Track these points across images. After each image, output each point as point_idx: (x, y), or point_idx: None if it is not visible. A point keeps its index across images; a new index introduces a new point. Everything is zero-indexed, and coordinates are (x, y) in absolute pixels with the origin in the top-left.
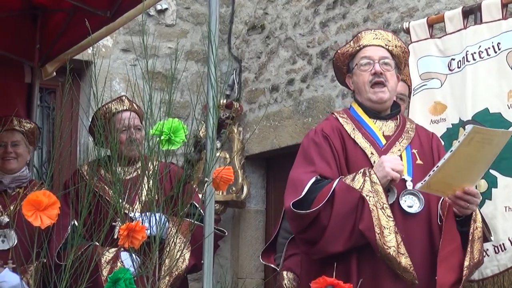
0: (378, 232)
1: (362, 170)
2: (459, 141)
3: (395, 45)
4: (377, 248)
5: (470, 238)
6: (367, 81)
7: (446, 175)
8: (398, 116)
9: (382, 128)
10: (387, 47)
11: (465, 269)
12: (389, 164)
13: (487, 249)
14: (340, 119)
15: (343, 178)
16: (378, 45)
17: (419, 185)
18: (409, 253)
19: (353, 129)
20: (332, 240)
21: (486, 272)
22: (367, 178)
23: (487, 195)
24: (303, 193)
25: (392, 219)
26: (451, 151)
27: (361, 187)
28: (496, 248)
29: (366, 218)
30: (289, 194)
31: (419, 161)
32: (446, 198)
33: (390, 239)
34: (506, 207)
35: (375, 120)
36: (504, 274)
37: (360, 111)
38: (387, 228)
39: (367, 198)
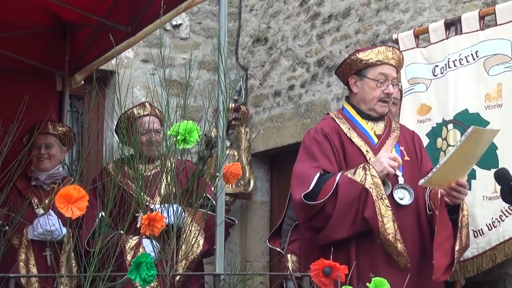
0: (380, 220)
1: (362, 165)
2: (460, 141)
3: (400, 61)
4: (378, 234)
5: (459, 225)
6: (378, 96)
7: (445, 170)
8: (385, 117)
9: (373, 128)
10: (397, 66)
11: (456, 253)
12: (386, 160)
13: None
14: (336, 119)
15: (344, 172)
16: (392, 65)
17: (422, 180)
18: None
19: (349, 129)
20: (336, 228)
21: (467, 254)
22: (367, 172)
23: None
24: (312, 186)
25: (390, 208)
26: (454, 150)
27: (362, 180)
28: (475, 233)
29: (370, 207)
30: (297, 187)
31: (406, 158)
32: (440, 190)
33: (389, 226)
34: (483, 196)
35: (367, 121)
36: (482, 256)
37: (353, 112)
38: (386, 217)
39: (370, 190)
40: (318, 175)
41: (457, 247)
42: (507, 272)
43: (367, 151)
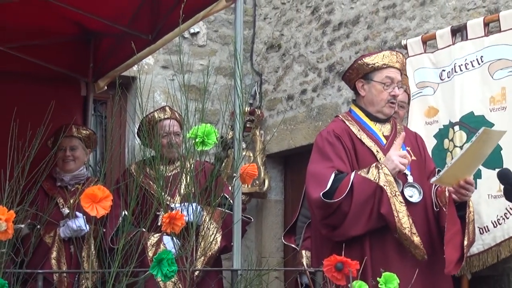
0: (396, 215)
1: (374, 164)
2: (471, 141)
3: (404, 64)
4: (395, 229)
5: (467, 221)
6: (385, 98)
7: (456, 169)
8: (390, 119)
9: (381, 129)
10: (401, 69)
11: (465, 247)
12: (397, 158)
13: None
14: (346, 121)
15: (357, 171)
16: (397, 68)
17: (434, 178)
18: None
19: (358, 130)
20: (352, 224)
21: (473, 250)
22: (380, 171)
23: None
24: (329, 186)
25: (403, 204)
26: (465, 150)
27: (376, 179)
28: (481, 230)
29: (386, 204)
30: (313, 186)
31: (413, 157)
32: (448, 187)
33: (405, 221)
34: (489, 195)
35: (375, 123)
36: (488, 251)
37: (361, 115)
38: (401, 212)
39: (385, 187)
40: (333, 174)
41: (465, 242)
42: (511, 267)
43: (377, 151)
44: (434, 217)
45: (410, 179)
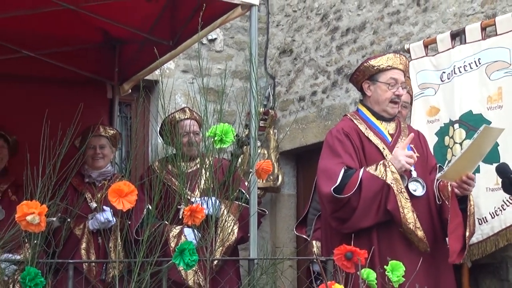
0: (402, 211)
1: (381, 162)
2: (473, 138)
3: (407, 66)
4: (401, 224)
5: (468, 214)
6: (389, 97)
7: (459, 165)
8: (395, 118)
9: (387, 128)
10: (404, 71)
11: (467, 238)
12: (403, 158)
13: None
14: (354, 120)
15: (366, 168)
16: (401, 70)
17: (439, 174)
18: None
19: (366, 128)
20: (361, 218)
21: (472, 240)
22: (387, 169)
23: None
24: (338, 181)
25: (409, 200)
26: (468, 146)
27: (383, 176)
28: (479, 221)
29: (392, 200)
30: (324, 181)
31: (416, 154)
32: (451, 182)
33: (409, 217)
34: (487, 188)
35: (381, 121)
36: (486, 241)
37: (368, 114)
38: (406, 208)
39: (392, 185)
40: (343, 170)
41: (467, 233)
42: (509, 255)
43: (383, 148)
44: (437, 210)
45: (414, 174)
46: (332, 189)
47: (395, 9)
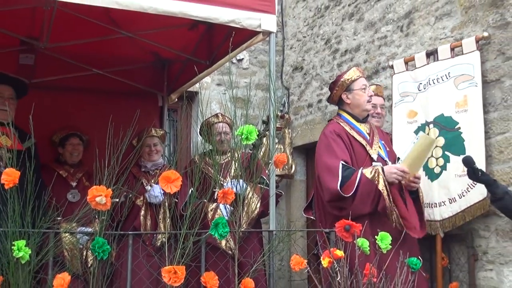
0: (389, 211)
1: (375, 170)
2: (413, 142)
3: (364, 73)
4: (388, 217)
5: (420, 199)
6: (366, 99)
7: (408, 164)
8: (367, 120)
9: (364, 128)
10: (365, 77)
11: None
12: (395, 176)
13: (445, 201)
14: (340, 123)
15: (363, 170)
16: (364, 77)
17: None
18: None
19: (350, 129)
20: (358, 209)
21: (444, 216)
22: (380, 177)
23: (444, 167)
24: (340, 176)
25: (393, 202)
26: (410, 151)
27: (376, 181)
28: (450, 200)
29: (382, 203)
30: (329, 177)
31: (388, 149)
32: (402, 182)
33: (394, 214)
34: (455, 174)
35: (360, 123)
36: (456, 216)
37: (349, 117)
38: (392, 207)
39: (382, 191)
40: (341, 165)
41: (423, 210)
42: (473, 228)
43: (366, 144)
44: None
45: (389, 163)
46: (338, 187)
47: (383, 35)
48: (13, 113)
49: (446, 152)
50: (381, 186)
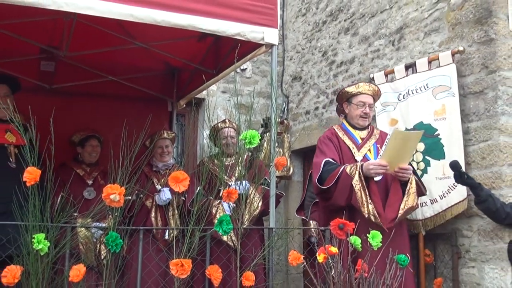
0: (360, 204)
1: (355, 165)
2: (388, 138)
3: (376, 91)
4: (360, 211)
5: (406, 192)
6: (359, 114)
7: (388, 160)
8: (369, 127)
9: (360, 134)
10: (372, 95)
11: (401, 210)
12: (373, 170)
13: (427, 202)
14: (336, 130)
15: (346, 167)
16: (369, 94)
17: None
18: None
19: (343, 135)
20: (337, 199)
21: (426, 215)
22: (356, 172)
23: (425, 171)
24: (321, 169)
25: (369, 197)
26: (384, 145)
27: (353, 175)
28: (431, 201)
29: (354, 197)
30: (315, 172)
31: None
32: (390, 172)
33: (366, 207)
34: (436, 177)
35: (356, 131)
36: (437, 216)
37: (348, 125)
38: (365, 201)
39: (354, 185)
40: (323, 162)
41: (402, 206)
42: (457, 227)
43: (353, 147)
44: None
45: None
46: (316, 180)
47: (376, 48)
48: (13, 108)
49: (427, 157)
50: (354, 181)
